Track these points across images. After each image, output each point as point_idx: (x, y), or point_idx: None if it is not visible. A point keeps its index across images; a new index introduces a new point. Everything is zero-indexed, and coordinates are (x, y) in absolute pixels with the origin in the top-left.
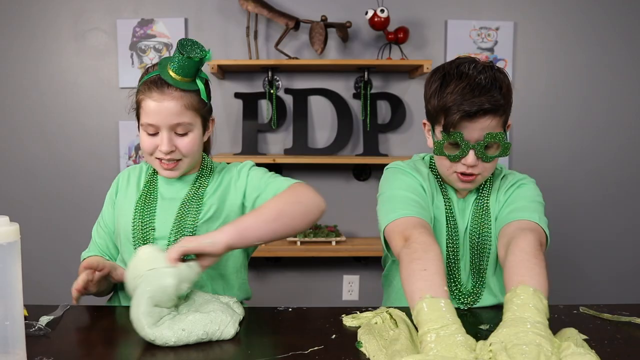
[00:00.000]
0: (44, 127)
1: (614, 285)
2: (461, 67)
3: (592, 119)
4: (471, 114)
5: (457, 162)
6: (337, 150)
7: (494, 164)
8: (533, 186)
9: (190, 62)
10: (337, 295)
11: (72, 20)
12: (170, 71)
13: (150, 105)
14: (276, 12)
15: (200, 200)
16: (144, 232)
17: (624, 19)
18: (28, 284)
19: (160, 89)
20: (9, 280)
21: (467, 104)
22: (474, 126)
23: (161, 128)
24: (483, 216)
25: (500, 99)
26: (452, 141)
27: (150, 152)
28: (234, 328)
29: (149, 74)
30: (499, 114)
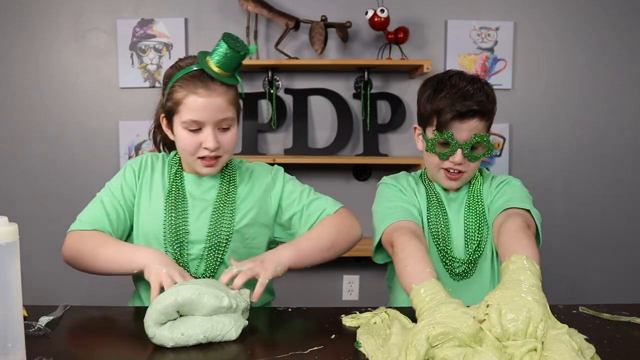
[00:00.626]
0: (44, 127)
1: (614, 285)
2: (452, 78)
3: (592, 119)
4: (462, 114)
5: (446, 159)
6: (337, 150)
7: (478, 164)
8: (520, 183)
9: (235, 56)
10: (337, 295)
11: (72, 20)
12: (213, 65)
13: (195, 101)
14: (276, 12)
15: (233, 203)
16: (178, 235)
17: (624, 19)
18: (27, 284)
19: (205, 84)
20: (8, 281)
21: (458, 105)
22: (463, 127)
23: (206, 124)
24: (477, 203)
25: (487, 104)
26: (443, 140)
27: (193, 152)
28: (237, 333)
29: (184, 69)
30: (485, 118)
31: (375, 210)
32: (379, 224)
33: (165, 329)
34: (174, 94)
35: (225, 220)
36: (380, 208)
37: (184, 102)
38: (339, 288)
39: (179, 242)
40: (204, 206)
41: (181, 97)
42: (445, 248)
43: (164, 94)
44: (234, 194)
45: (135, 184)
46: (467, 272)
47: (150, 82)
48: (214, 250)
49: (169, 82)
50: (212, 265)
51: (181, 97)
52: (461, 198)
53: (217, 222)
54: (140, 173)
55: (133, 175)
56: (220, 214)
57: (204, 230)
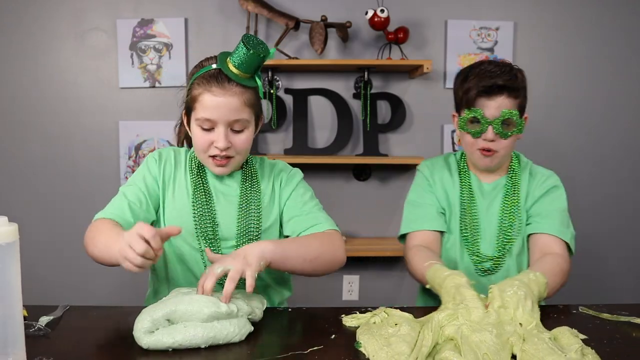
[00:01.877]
0: (44, 127)
1: (614, 285)
2: (483, 64)
3: (592, 119)
4: (488, 90)
5: (478, 137)
6: (337, 150)
7: (511, 143)
8: (564, 193)
9: (254, 57)
10: (337, 295)
11: (72, 20)
12: (231, 66)
13: (209, 99)
14: (276, 12)
15: (259, 204)
16: (210, 231)
17: (624, 18)
18: (27, 284)
19: (220, 83)
20: (8, 281)
21: (484, 81)
22: (491, 104)
23: (218, 124)
24: (514, 197)
25: (515, 81)
26: (473, 117)
27: (204, 150)
28: (241, 339)
29: (204, 68)
30: (514, 95)
31: (407, 201)
32: (405, 223)
33: (163, 335)
34: (192, 91)
35: (253, 222)
36: (409, 206)
37: (199, 99)
38: (339, 288)
39: (212, 238)
40: (229, 202)
41: (197, 94)
42: (473, 243)
43: (186, 90)
44: (259, 193)
45: (159, 174)
46: (494, 269)
47: (150, 82)
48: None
49: (191, 79)
50: None
51: (197, 95)
52: (497, 191)
53: (245, 220)
54: (163, 165)
55: (156, 165)
56: (247, 214)
57: (233, 228)
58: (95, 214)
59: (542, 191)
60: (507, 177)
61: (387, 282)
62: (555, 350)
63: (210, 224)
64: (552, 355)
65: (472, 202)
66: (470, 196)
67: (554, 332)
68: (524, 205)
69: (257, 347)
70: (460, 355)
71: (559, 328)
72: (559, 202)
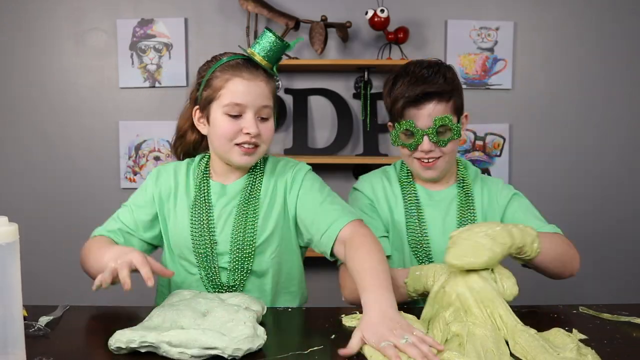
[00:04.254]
0: (44, 127)
1: (614, 285)
2: (408, 67)
3: (592, 119)
4: (415, 100)
5: (415, 150)
6: (337, 150)
7: (452, 147)
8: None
9: (280, 45)
10: (337, 295)
11: (72, 20)
12: (256, 54)
13: (240, 83)
14: (276, 12)
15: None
16: (207, 247)
17: (624, 18)
18: (27, 284)
19: (250, 69)
20: (8, 281)
21: (410, 91)
22: (421, 113)
23: (247, 109)
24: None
25: (444, 85)
26: (405, 130)
27: (231, 137)
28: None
29: (226, 58)
30: (445, 99)
31: None
32: None
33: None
34: (213, 80)
35: (248, 231)
36: None
37: (226, 85)
38: (339, 288)
39: (209, 254)
40: (228, 214)
41: (223, 82)
42: (427, 260)
43: (200, 83)
44: (256, 200)
45: (156, 193)
46: None
47: (150, 82)
48: (240, 261)
49: (208, 72)
50: (240, 276)
51: (223, 82)
52: (450, 200)
53: (240, 233)
54: (161, 183)
55: (153, 184)
56: (242, 224)
57: (228, 241)
58: (95, 214)
59: (506, 200)
60: (458, 185)
61: None
62: (546, 348)
63: (209, 242)
64: (544, 354)
65: (421, 215)
66: (419, 209)
67: (545, 334)
68: (480, 219)
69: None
70: (461, 355)
71: (551, 330)
72: (527, 205)
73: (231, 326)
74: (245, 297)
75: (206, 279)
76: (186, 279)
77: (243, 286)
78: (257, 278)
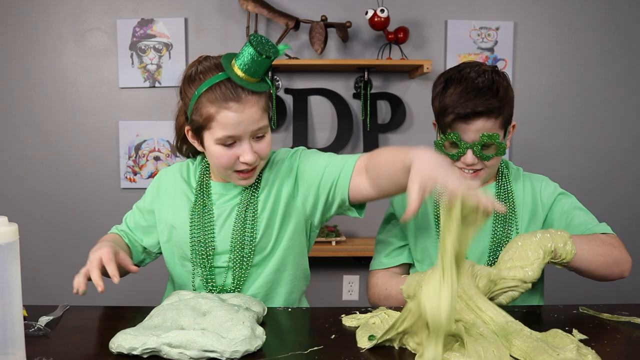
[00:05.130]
0: (44, 127)
1: (614, 284)
2: (463, 71)
3: (592, 119)
4: (465, 116)
5: (457, 160)
6: (337, 150)
7: (496, 161)
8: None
9: (262, 60)
10: (337, 295)
11: (72, 20)
12: (238, 71)
13: (229, 117)
14: (276, 12)
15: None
16: (205, 248)
17: (624, 18)
18: (27, 284)
19: (236, 97)
20: (8, 281)
21: (460, 106)
22: (469, 128)
23: (242, 137)
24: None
25: (496, 102)
26: (450, 141)
27: (230, 166)
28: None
29: (209, 80)
30: (494, 116)
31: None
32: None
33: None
34: (202, 108)
35: (247, 229)
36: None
37: (216, 118)
38: (339, 288)
39: (209, 254)
40: (227, 214)
41: (212, 112)
42: None
43: (188, 104)
44: (255, 200)
45: (156, 196)
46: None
47: (150, 82)
48: (239, 261)
49: (195, 94)
50: (239, 275)
51: (212, 113)
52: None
53: (240, 231)
54: (160, 187)
55: (154, 188)
56: (242, 223)
57: (228, 241)
58: (95, 214)
59: (551, 199)
60: (497, 183)
61: None
62: (546, 349)
63: (209, 241)
64: (543, 354)
65: None
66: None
67: (544, 335)
68: (522, 217)
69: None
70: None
71: (550, 330)
72: (574, 204)
73: (229, 326)
74: (245, 298)
75: (206, 279)
76: (188, 280)
77: (242, 284)
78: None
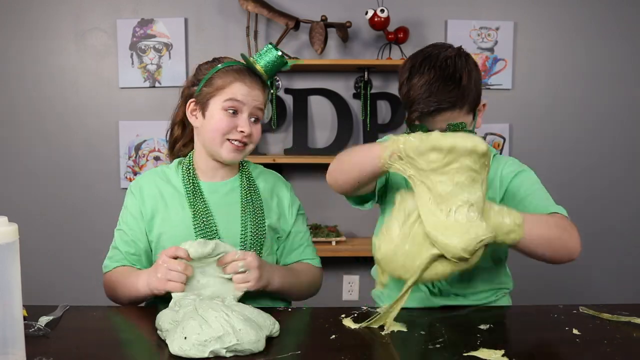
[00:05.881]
0: (44, 127)
1: (614, 285)
2: (427, 58)
3: (592, 119)
4: (429, 113)
5: None
6: (337, 150)
7: None
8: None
9: (281, 62)
10: (337, 295)
11: (72, 20)
12: (258, 66)
13: (241, 87)
14: (276, 12)
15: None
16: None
17: (624, 18)
18: (27, 284)
19: (251, 76)
20: (8, 281)
21: (424, 103)
22: (434, 120)
23: (244, 109)
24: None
25: (459, 93)
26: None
27: (225, 132)
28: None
29: (230, 62)
30: (458, 108)
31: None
32: None
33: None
34: (215, 80)
35: (258, 219)
36: None
37: (229, 86)
38: (339, 288)
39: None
40: (229, 210)
41: (226, 83)
42: None
43: (196, 83)
44: (257, 192)
45: (142, 206)
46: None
47: (150, 82)
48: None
49: (211, 71)
50: None
51: (226, 83)
52: None
53: (248, 221)
54: (142, 196)
55: (134, 198)
56: (249, 213)
57: (237, 233)
58: (94, 214)
59: (511, 175)
60: None
61: None
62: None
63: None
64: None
65: None
66: None
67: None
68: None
69: None
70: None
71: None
72: (533, 180)
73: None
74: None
75: None
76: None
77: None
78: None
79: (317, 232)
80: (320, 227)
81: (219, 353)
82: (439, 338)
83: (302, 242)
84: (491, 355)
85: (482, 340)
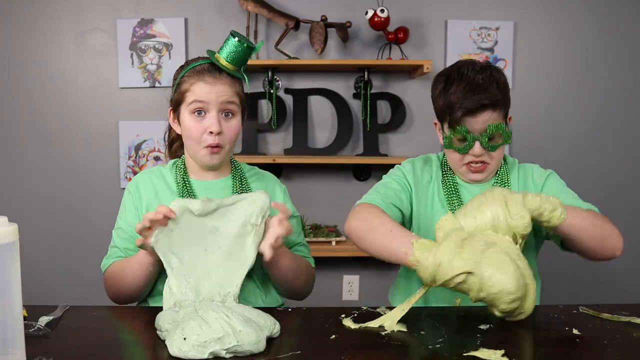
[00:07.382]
0: (44, 127)
1: (614, 285)
2: (462, 69)
3: (592, 119)
4: (472, 110)
5: (466, 153)
6: (337, 150)
7: (500, 153)
8: (558, 177)
9: (243, 49)
10: (337, 295)
11: (72, 20)
12: (221, 59)
13: (202, 86)
14: (276, 12)
15: None
16: None
17: (624, 18)
18: (27, 284)
19: (212, 74)
20: (8, 281)
21: (468, 101)
22: (476, 120)
23: (211, 107)
24: None
25: (498, 94)
26: (459, 135)
27: (198, 139)
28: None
29: (193, 64)
30: (498, 108)
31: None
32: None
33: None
34: (181, 85)
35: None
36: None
37: (191, 89)
38: (339, 288)
39: None
40: None
41: (188, 85)
42: None
43: (173, 90)
44: (249, 191)
45: (139, 203)
46: None
47: (150, 82)
48: None
49: (178, 77)
50: None
51: (188, 86)
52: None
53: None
54: (139, 194)
55: (131, 196)
56: None
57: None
58: (94, 214)
59: (542, 179)
60: (496, 177)
61: (387, 282)
62: None
63: None
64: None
65: (459, 202)
66: (457, 195)
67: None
68: None
69: None
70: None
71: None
72: (561, 182)
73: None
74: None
75: None
76: None
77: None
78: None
79: (317, 232)
80: (320, 227)
81: (218, 354)
82: (439, 338)
83: (297, 241)
84: (491, 355)
85: (482, 340)
